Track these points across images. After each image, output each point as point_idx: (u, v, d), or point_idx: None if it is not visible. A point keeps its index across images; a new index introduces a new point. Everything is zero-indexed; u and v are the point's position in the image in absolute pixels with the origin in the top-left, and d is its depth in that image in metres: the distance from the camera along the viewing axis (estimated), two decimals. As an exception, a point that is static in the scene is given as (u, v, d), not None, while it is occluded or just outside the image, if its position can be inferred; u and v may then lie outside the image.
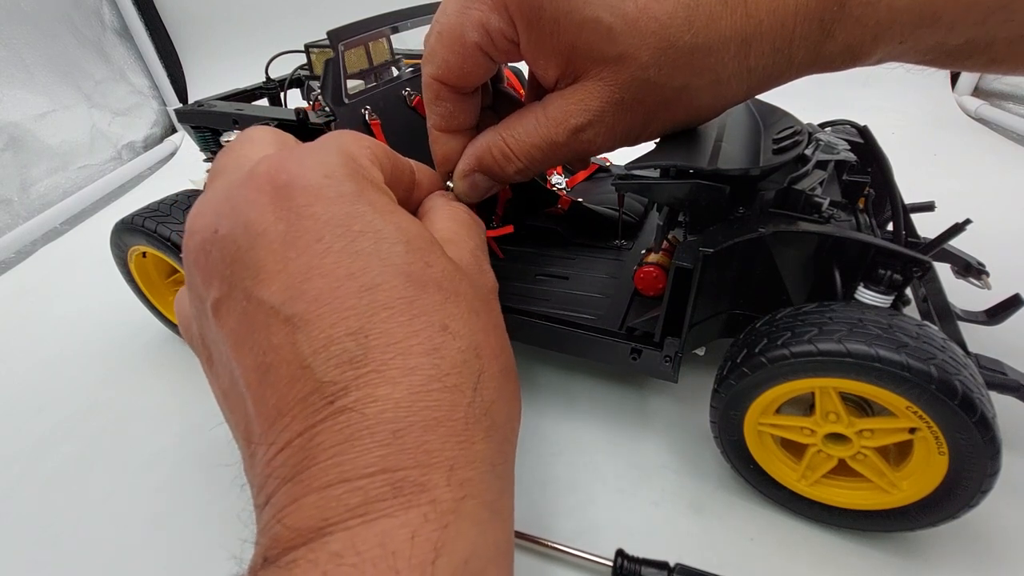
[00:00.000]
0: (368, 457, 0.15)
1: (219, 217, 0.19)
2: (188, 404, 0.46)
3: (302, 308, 0.16)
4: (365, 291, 0.17)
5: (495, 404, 0.18)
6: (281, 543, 0.15)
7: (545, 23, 0.23)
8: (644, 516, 0.34)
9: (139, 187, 0.97)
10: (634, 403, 0.41)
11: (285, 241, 0.17)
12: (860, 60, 0.25)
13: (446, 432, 0.16)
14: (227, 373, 0.19)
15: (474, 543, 0.15)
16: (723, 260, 0.30)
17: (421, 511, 0.15)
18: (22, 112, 0.84)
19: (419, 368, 0.16)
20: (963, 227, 0.34)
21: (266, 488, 0.16)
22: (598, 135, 0.26)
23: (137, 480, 0.40)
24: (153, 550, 0.35)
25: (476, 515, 0.16)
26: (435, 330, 0.17)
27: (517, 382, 0.21)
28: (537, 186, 0.51)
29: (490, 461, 0.17)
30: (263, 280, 0.17)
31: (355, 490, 0.15)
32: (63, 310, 0.61)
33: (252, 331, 0.17)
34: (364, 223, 0.18)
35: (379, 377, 0.16)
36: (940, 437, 0.26)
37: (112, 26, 1.07)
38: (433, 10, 0.54)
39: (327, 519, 0.14)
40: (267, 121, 0.43)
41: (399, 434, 0.15)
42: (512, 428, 0.20)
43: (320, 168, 0.19)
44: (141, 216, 0.45)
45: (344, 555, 0.14)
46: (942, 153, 0.80)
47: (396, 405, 0.16)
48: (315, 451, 0.15)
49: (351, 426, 0.15)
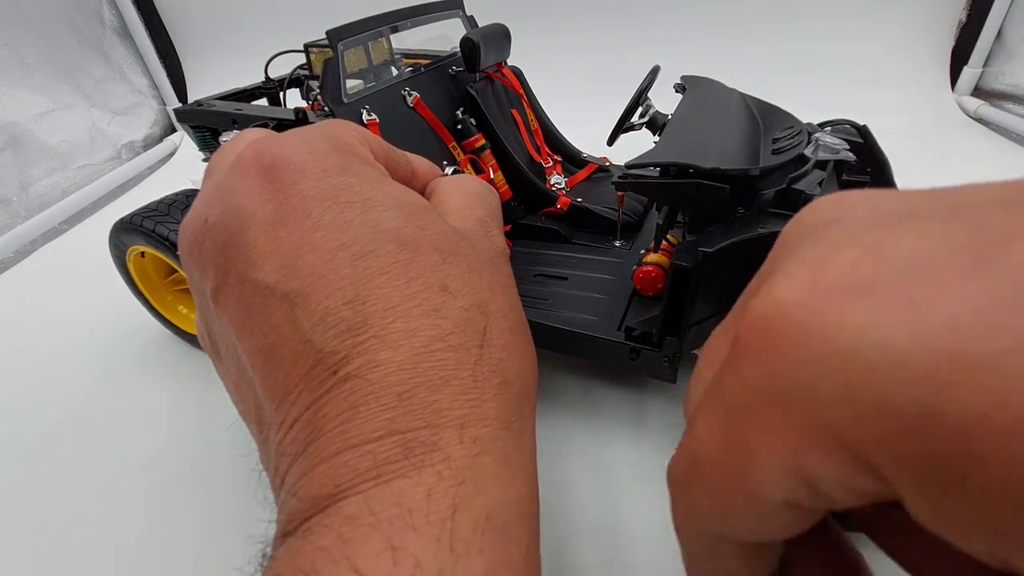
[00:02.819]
0: (375, 421, 0.15)
1: (208, 207, 0.19)
2: (187, 404, 0.46)
3: (297, 284, 0.16)
4: (358, 259, 0.17)
5: (505, 361, 0.18)
6: (297, 516, 0.15)
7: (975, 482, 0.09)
8: (645, 517, 0.34)
9: (138, 187, 0.97)
10: (633, 404, 0.41)
11: (274, 221, 0.17)
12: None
13: (454, 391, 0.16)
14: (234, 361, 0.19)
15: (494, 498, 0.15)
16: (722, 260, 0.30)
17: (435, 469, 0.14)
18: (22, 112, 0.84)
19: (420, 330, 0.16)
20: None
21: (280, 468, 0.16)
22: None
23: (136, 479, 0.40)
24: (152, 549, 0.35)
25: (494, 471, 0.15)
26: (434, 291, 0.17)
27: (530, 340, 0.20)
28: (536, 186, 0.51)
29: (504, 418, 0.17)
30: (256, 261, 0.17)
31: (364, 455, 0.14)
32: (62, 310, 0.61)
33: (252, 314, 0.17)
34: (351, 193, 0.18)
35: (379, 342, 0.16)
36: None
37: (112, 26, 1.07)
38: (433, 10, 0.54)
39: (338, 485, 0.14)
40: (266, 121, 0.43)
41: (405, 396, 0.15)
42: (526, 385, 0.19)
43: (304, 146, 0.19)
44: (140, 216, 0.45)
45: (359, 517, 0.14)
46: (942, 153, 0.80)
47: (399, 368, 0.15)
48: (322, 422, 0.15)
49: (356, 393, 0.15)
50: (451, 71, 0.52)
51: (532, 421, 0.19)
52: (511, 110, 0.55)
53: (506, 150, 0.50)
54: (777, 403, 0.10)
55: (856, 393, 0.09)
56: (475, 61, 0.47)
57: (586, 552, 0.32)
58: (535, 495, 0.17)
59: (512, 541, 0.15)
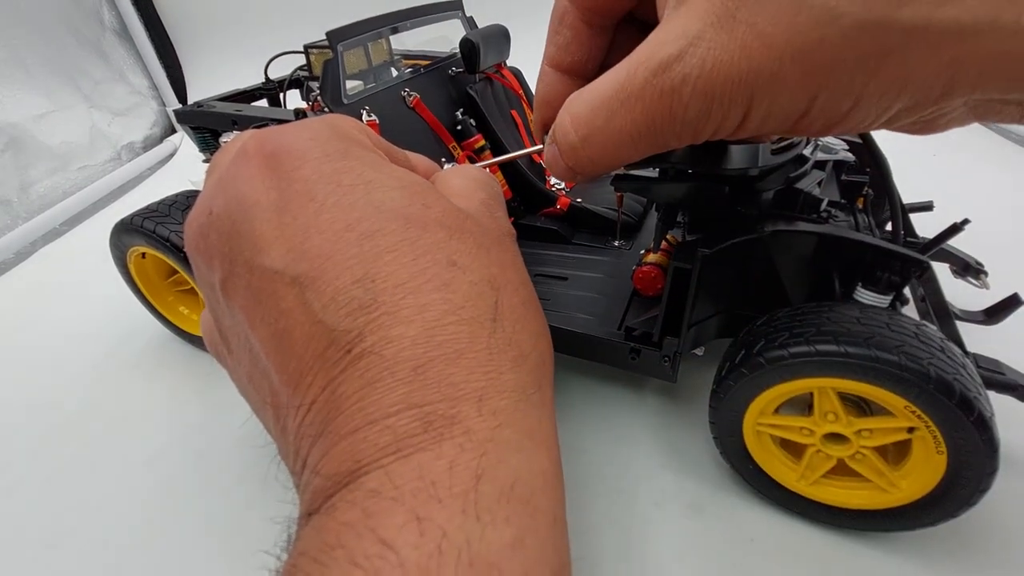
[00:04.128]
0: (392, 396, 0.15)
1: (212, 199, 0.19)
2: (187, 404, 0.46)
3: (305, 267, 0.16)
4: (365, 239, 0.17)
5: (519, 335, 0.18)
6: (321, 494, 0.15)
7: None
8: (644, 516, 0.34)
9: (138, 188, 0.97)
10: (633, 403, 0.41)
11: (278, 207, 0.17)
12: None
13: (470, 364, 0.16)
14: (247, 353, 0.19)
15: (517, 469, 0.15)
16: (722, 260, 0.31)
17: (456, 442, 0.14)
18: (21, 113, 0.85)
19: (431, 304, 0.16)
20: (961, 227, 0.34)
21: (301, 451, 0.16)
22: (691, 70, 0.16)
23: (135, 479, 0.40)
24: (152, 549, 0.35)
25: (516, 442, 0.15)
26: (442, 266, 0.17)
27: (542, 315, 0.20)
28: (536, 186, 0.51)
29: (522, 390, 0.16)
30: (263, 248, 0.17)
31: (384, 430, 0.14)
32: (62, 311, 0.61)
33: (261, 301, 0.17)
34: (354, 176, 0.18)
35: (391, 318, 0.16)
36: (938, 436, 0.26)
37: (111, 27, 1.07)
38: (432, 11, 0.54)
39: (359, 461, 0.14)
40: (266, 121, 0.43)
41: (420, 370, 0.15)
42: (541, 357, 0.19)
43: (304, 133, 0.19)
44: (140, 217, 0.45)
45: (382, 491, 0.13)
46: (941, 153, 0.80)
47: (413, 342, 0.15)
48: (339, 401, 0.15)
49: (371, 369, 0.15)
50: (451, 72, 0.52)
51: (551, 393, 0.19)
52: (511, 111, 0.55)
53: (506, 150, 0.50)
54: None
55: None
56: (475, 62, 0.47)
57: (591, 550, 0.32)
58: (559, 465, 0.17)
59: (539, 510, 0.15)
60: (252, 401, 0.20)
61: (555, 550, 0.14)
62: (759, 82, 0.15)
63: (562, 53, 0.22)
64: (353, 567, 0.12)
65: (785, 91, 0.15)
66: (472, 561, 0.12)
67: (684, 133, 0.17)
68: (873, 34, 0.14)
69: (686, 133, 0.17)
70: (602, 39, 0.22)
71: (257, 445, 0.26)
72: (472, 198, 0.21)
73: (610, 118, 0.18)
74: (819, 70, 0.15)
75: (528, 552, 0.13)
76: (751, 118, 0.16)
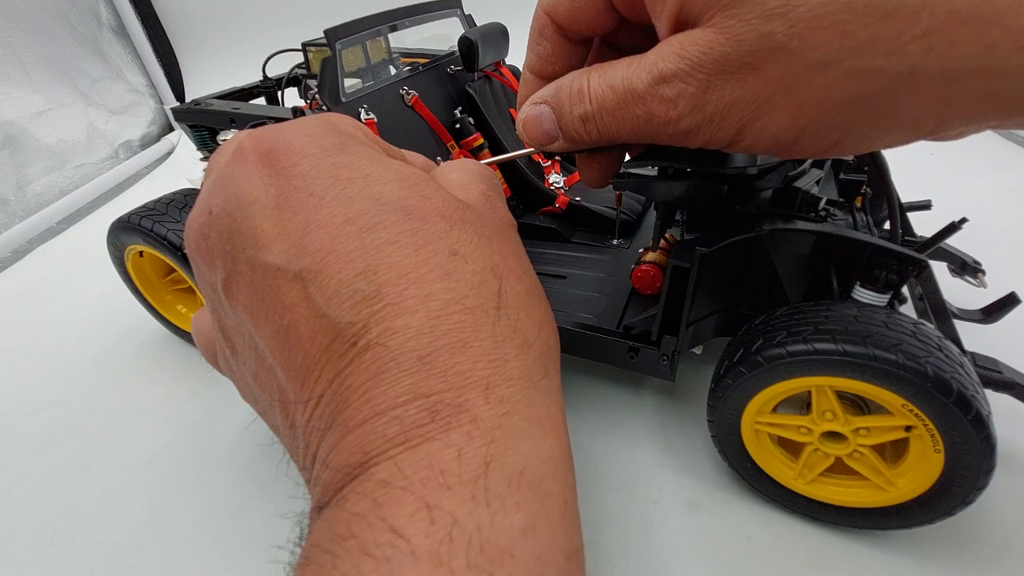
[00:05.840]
0: (398, 387, 0.15)
1: (211, 199, 0.19)
2: (184, 403, 0.46)
3: (308, 262, 0.17)
4: (366, 231, 0.17)
5: (524, 322, 0.18)
6: (331, 487, 0.15)
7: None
8: (642, 514, 0.34)
9: (136, 186, 0.97)
10: (631, 402, 0.42)
11: (278, 204, 0.17)
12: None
13: (475, 352, 0.16)
14: (252, 352, 0.19)
15: (526, 455, 0.15)
16: (720, 259, 0.31)
17: (463, 430, 0.14)
18: (18, 111, 0.84)
19: (434, 294, 0.16)
20: (959, 226, 0.34)
21: (311, 445, 0.16)
22: (681, 96, 0.18)
23: (134, 478, 0.40)
24: (149, 548, 0.35)
25: (524, 429, 0.15)
26: (444, 256, 0.17)
27: (546, 303, 0.20)
28: (535, 185, 0.51)
29: (528, 377, 0.17)
30: (264, 245, 0.17)
31: (391, 420, 0.14)
32: (60, 309, 0.61)
33: (264, 298, 0.17)
34: (352, 170, 0.18)
35: (395, 309, 0.16)
36: (936, 435, 0.26)
37: (109, 24, 1.06)
38: (431, 9, 0.54)
39: (368, 453, 0.14)
40: (264, 120, 0.43)
41: (426, 360, 0.15)
42: (547, 344, 0.19)
43: (300, 129, 0.19)
44: (138, 215, 0.45)
45: (392, 481, 0.14)
46: (939, 152, 0.80)
47: (418, 332, 0.15)
48: (347, 393, 0.15)
49: (377, 361, 0.15)
50: (449, 70, 0.52)
51: (558, 379, 0.19)
52: (509, 109, 0.55)
53: (504, 149, 0.50)
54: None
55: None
56: (473, 60, 0.47)
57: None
58: (568, 451, 0.17)
59: (549, 495, 0.15)
60: (258, 401, 0.20)
61: (567, 534, 0.14)
62: (749, 109, 0.18)
63: (543, 63, 0.24)
64: (365, 556, 0.12)
65: (775, 122, 0.18)
66: (483, 547, 0.12)
67: (675, 139, 0.20)
68: (860, 80, 0.16)
69: (676, 140, 0.20)
70: (581, 49, 0.24)
71: (255, 443, 0.26)
72: (471, 189, 0.21)
73: (616, 102, 0.20)
74: (808, 106, 0.17)
75: (539, 537, 0.13)
76: (741, 140, 0.19)
